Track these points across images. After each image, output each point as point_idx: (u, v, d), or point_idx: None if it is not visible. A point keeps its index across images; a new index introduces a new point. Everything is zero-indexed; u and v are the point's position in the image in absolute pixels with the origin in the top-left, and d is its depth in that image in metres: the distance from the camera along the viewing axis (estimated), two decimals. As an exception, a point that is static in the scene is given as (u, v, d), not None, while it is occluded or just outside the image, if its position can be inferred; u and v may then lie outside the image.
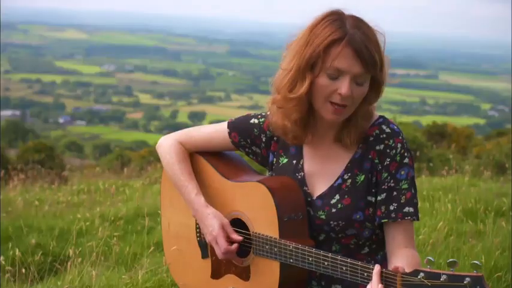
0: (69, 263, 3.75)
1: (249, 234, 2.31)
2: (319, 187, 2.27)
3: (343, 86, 2.09)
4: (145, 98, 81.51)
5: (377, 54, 2.11)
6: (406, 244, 2.18)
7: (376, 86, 2.18)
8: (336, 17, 2.13)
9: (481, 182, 7.32)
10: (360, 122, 2.20)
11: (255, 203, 2.28)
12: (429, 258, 1.86)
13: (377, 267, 1.96)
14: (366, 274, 1.98)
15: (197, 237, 2.53)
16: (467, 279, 1.78)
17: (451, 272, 1.81)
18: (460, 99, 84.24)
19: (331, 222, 2.21)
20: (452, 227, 4.93)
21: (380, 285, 1.93)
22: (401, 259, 2.13)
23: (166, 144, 2.50)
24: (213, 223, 2.32)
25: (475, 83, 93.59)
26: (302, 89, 2.14)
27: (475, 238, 4.74)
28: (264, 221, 2.25)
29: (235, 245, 2.29)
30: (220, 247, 2.29)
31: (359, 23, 2.13)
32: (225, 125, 2.45)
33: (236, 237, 2.30)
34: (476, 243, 4.45)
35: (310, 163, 2.30)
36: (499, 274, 3.81)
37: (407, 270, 1.90)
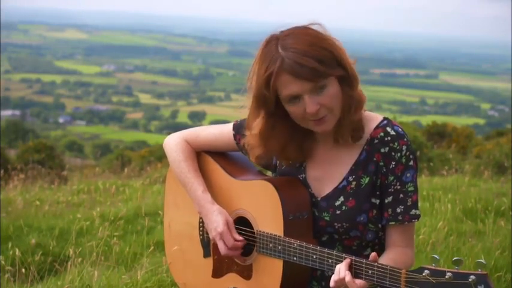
0: (69, 263, 3.76)
1: (253, 233, 2.31)
2: (324, 189, 2.27)
3: (307, 106, 2.10)
4: (145, 98, 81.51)
5: (316, 59, 2.06)
6: (402, 243, 2.21)
7: (343, 79, 2.13)
8: (270, 46, 2.12)
9: (481, 182, 7.33)
10: (347, 116, 2.16)
11: (261, 201, 2.28)
12: (434, 256, 1.87)
13: (347, 259, 2.02)
14: (370, 272, 1.99)
15: (200, 235, 2.53)
16: (472, 277, 1.79)
17: (456, 270, 1.82)
18: (460, 99, 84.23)
19: (335, 224, 2.22)
20: (452, 227, 4.94)
21: (347, 271, 1.99)
22: (389, 255, 2.17)
23: (173, 142, 2.53)
24: (218, 219, 2.33)
25: (475, 83, 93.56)
26: (259, 126, 2.20)
27: (475, 238, 4.74)
28: (268, 219, 2.26)
29: (241, 239, 2.31)
30: (227, 242, 2.30)
31: (288, 40, 2.10)
32: (230, 126, 2.47)
33: (237, 237, 2.31)
34: (476, 243, 4.46)
35: (313, 166, 2.30)
36: (499, 274, 3.81)
37: (390, 264, 1.95)
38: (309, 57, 2.06)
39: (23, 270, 3.83)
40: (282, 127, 2.22)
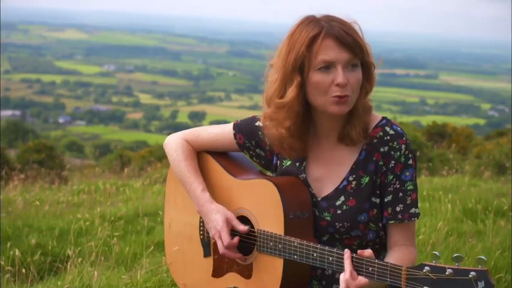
0: (69, 263, 3.76)
1: (254, 232, 2.31)
2: (324, 189, 2.28)
3: (338, 76, 2.12)
4: (145, 98, 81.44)
5: (358, 37, 2.16)
6: (405, 242, 2.23)
7: (367, 73, 2.21)
8: (309, 20, 2.18)
9: (481, 182, 7.33)
10: (362, 114, 2.21)
11: (262, 199, 2.29)
12: (434, 252, 1.88)
13: (347, 252, 2.03)
14: (370, 269, 1.99)
15: (200, 235, 2.54)
16: (473, 273, 1.80)
17: (457, 267, 1.83)
18: (460, 99, 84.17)
19: (337, 223, 2.23)
20: (452, 227, 4.93)
21: (350, 267, 2.00)
22: (393, 254, 2.19)
23: (174, 142, 2.54)
24: (217, 218, 2.34)
25: (475, 83, 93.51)
26: (291, 91, 2.17)
27: (475, 238, 4.74)
28: (269, 217, 2.26)
29: (236, 238, 2.31)
30: (223, 241, 2.31)
31: (332, 17, 2.19)
32: (231, 126, 2.48)
33: (242, 227, 2.31)
34: (476, 243, 4.46)
35: (314, 167, 2.31)
36: (500, 275, 3.81)
37: (393, 262, 1.94)
38: (353, 32, 2.15)
39: (23, 270, 3.83)
40: (301, 107, 2.21)
